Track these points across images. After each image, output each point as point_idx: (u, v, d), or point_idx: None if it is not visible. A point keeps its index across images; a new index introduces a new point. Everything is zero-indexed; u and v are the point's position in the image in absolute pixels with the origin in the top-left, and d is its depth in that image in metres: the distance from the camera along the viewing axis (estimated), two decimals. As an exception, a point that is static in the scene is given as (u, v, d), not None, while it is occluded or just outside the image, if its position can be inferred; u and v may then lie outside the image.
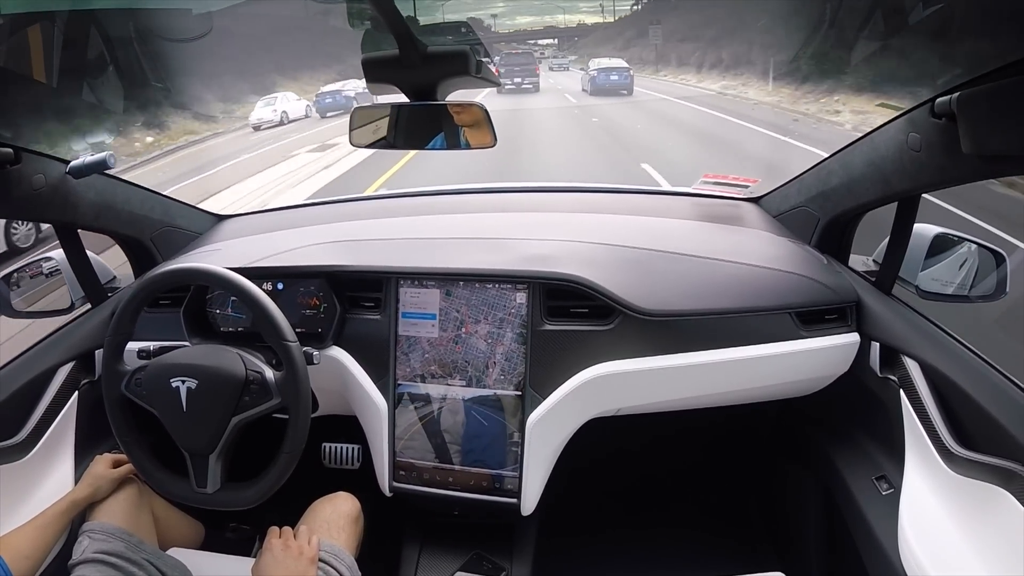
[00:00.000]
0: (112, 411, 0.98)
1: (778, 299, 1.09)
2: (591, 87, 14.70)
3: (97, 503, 1.03)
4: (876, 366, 1.07)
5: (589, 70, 15.52)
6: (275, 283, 1.18)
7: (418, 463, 1.14)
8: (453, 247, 1.22)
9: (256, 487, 0.95)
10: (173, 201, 1.42)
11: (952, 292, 1.08)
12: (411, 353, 1.14)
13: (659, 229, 1.31)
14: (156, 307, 1.21)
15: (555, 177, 6.72)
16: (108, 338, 0.98)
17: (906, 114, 0.89)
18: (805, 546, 1.28)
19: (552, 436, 1.10)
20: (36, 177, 1.01)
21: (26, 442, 1.08)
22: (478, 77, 0.83)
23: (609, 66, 15.24)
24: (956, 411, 0.92)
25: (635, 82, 14.88)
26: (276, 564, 0.91)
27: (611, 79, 14.52)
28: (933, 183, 0.91)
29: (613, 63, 15.70)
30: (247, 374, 0.94)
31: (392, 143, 0.94)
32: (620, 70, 14.87)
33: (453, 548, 1.19)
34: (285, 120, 13.74)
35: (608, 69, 14.92)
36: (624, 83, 14.51)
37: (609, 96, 14.02)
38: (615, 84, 14.47)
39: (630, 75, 14.75)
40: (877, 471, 1.05)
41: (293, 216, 1.55)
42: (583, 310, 1.10)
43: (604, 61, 16.09)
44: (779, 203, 1.37)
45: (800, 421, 1.34)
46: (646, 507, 1.61)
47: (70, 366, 1.17)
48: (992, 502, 0.81)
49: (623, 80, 14.54)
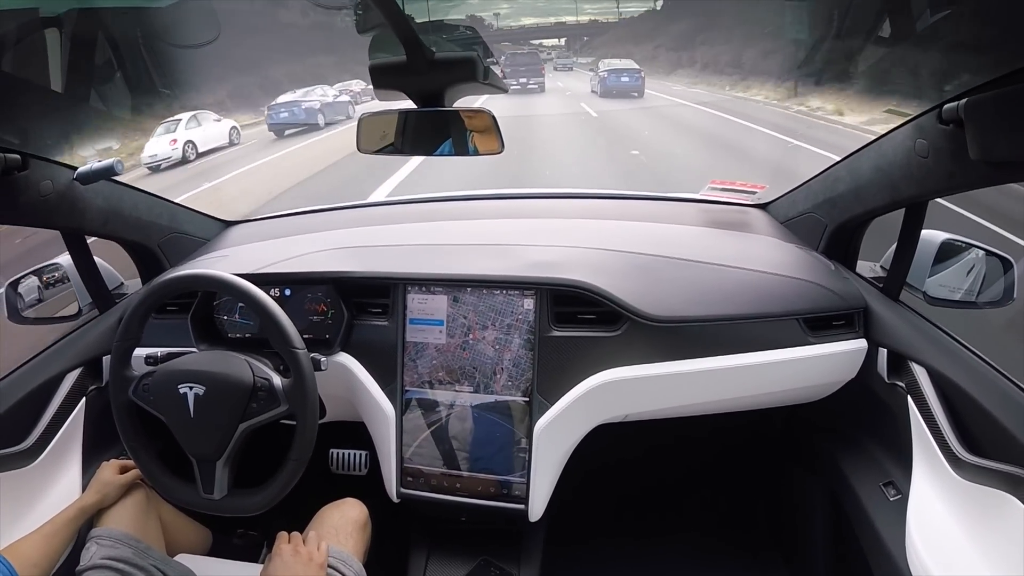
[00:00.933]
0: (119, 417, 0.98)
1: (785, 305, 1.09)
2: (601, 88, 14.38)
3: (105, 509, 1.02)
4: (884, 372, 1.07)
5: (599, 71, 15.20)
6: (283, 289, 1.18)
7: (426, 469, 1.14)
8: (460, 253, 1.22)
9: (263, 493, 0.95)
10: (180, 207, 1.42)
11: (960, 298, 1.08)
12: (419, 359, 1.14)
13: (667, 235, 1.31)
14: (164, 313, 1.21)
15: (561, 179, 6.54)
16: (116, 344, 0.98)
17: (914, 120, 0.89)
18: (812, 552, 1.28)
19: (560, 442, 1.10)
20: (44, 183, 1.01)
21: (33, 448, 1.08)
22: (486, 83, 0.83)
23: (620, 67, 14.87)
24: (964, 417, 0.92)
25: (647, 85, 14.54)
26: (285, 568, 0.91)
27: (621, 80, 14.17)
28: (940, 189, 0.91)
29: (624, 64, 15.35)
30: (255, 381, 0.94)
31: (400, 149, 0.94)
32: (631, 71, 14.51)
33: (461, 554, 1.19)
34: (191, 154, 9.36)
35: (619, 71, 14.55)
36: (635, 85, 14.15)
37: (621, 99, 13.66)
38: (625, 86, 14.11)
39: (641, 77, 14.40)
40: (884, 477, 1.05)
41: (301, 222, 1.56)
42: (590, 316, 1.10)
43: (615, 62, 15.73)
44: (787, 209, 1.37)
45: (807, 427, 1.33)
46: (653, 513, 1.60)
47: (77, 372, 1.18)
48: (1000, 508, 0.81)
49: (634, 82, 14.19)
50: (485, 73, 0.82)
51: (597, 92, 14.62)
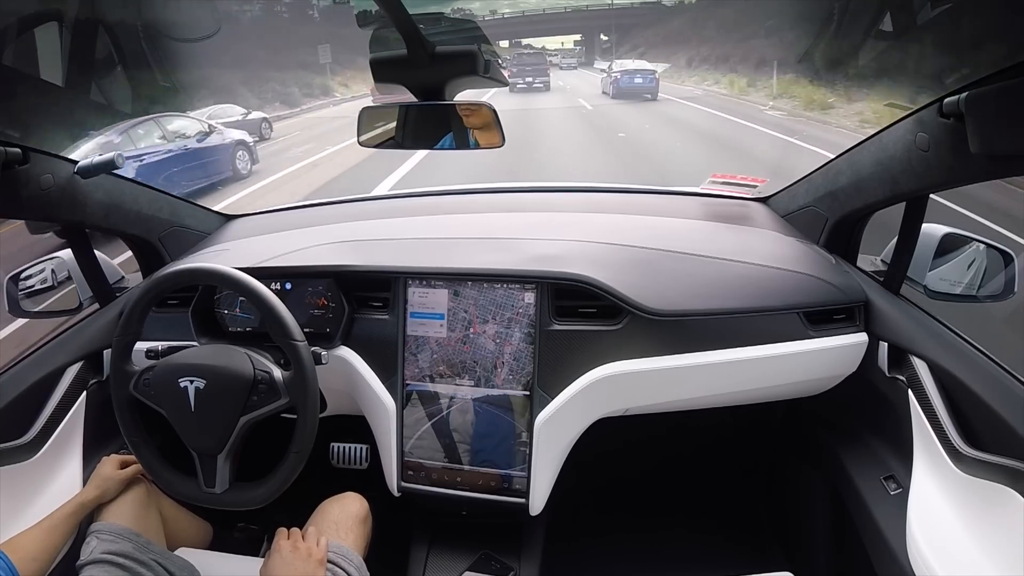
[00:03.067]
0: (120, 411, 0.98)
1: (786, 299, 1.09)
2: (613, 90, 14.01)
3: (105, 504, 1.02)
4: (884, 366, 1.07)
5: (611, 72, 14.86)
6: (283, 283, 1.18)
7: (426, 463, 1.14)
8: (461, 247, 1.22)
9: (264, 487, 0.95)
10: (181, 201, 1.42)
11: (960, 292, 1.08)
12: (419, 353, 1.14)
13: (667, 229, 1.31)
14: (164, 307, 1.21)
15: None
16: (116, 338, 0.98)
17: (914, 114, 0.89)
18: (813, 546, 1.28)
19: (560, 436, 1.10)
20: (44, 177, 1.01)
21: (34, 442, 1.08)
22: (486, 77, 0.83)
23: (633, 68, 14.55)
24: (964, 411, 0.92)
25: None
26: (285, 565, 0.90)
27: (635, 82, 13.81)
28: (941, 183, 0.91)
29: (638, 65, 15.07)
30: (255, 374, 0.94)
31: (400, 143, 0.94)
32: (644, 72, 14.13)
33: (461, 548, 1.19)
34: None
35: (632, 72, 14.19)
36: (649, 87, 13.79)
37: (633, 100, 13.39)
38: (639, 87, 13.76)
39: (655, 78, 14.00)
40: (885, 471, 1.05)
41: (301, 216, 1.55)
42: (591, 310, 1.10)
43: (628, 63, 15.45)
44: (787, 203, 1.37)
45: (808, 421, 1.33)
46: (654, 507, 1.61)
47: (78, 366, 1.18)
48: (1000, 502, 0.82)
49: (648, 84, 13.81)
50: (486, 67, 0.81)
51: (609, 94, 14.31)
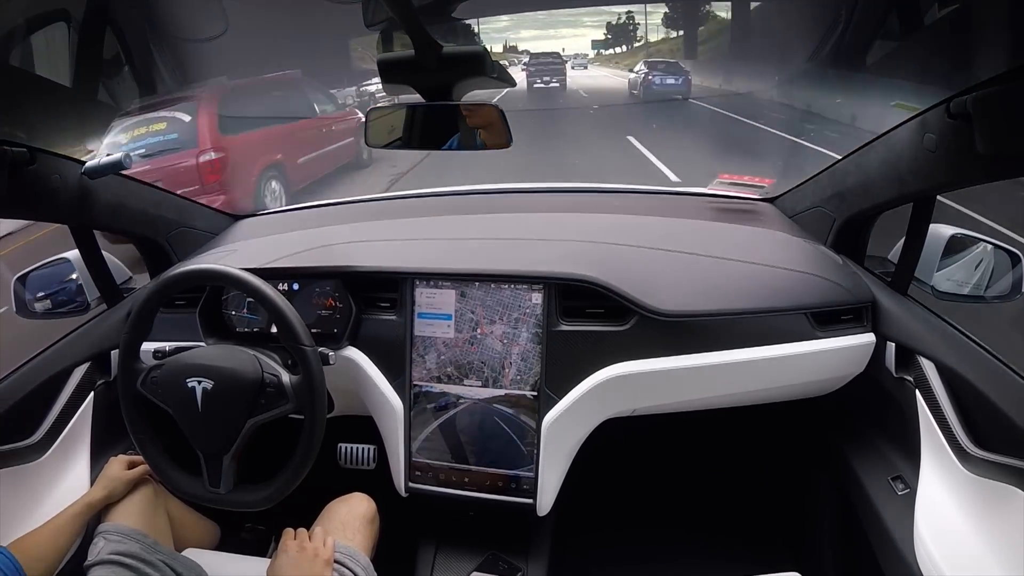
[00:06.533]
0: (127, 408, 0.98)
1: (794, 299, 1.09)
2: (644, 92, 11.83)
3: (112, 504, 1.03)
4: (892, 366, 1.07)
5: (640, 70, 12.49)
6: (291, 283, 1.18)
7: (434, 463, 1.14)
8: (468, 248, 1.22)
9: (271, 488, 0.95)
10: (189, 202, 1.42)
11: (968, 292, 1.08)
12: (427, 354, 1.14)
13: (675, 229, 1.31)
14: (172, 308, 1.21)
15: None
16: (124, 338, 0.98)
17: (922, 114, 0.89)
18: (820, 546, 1.28)
19: (568, 436, 1.10)
20: (52, 177, 1.01)
21: (42, 443, 1.08)
22: (494, 78, 0.83)
23: (666, 68, 12.11)
24: (972, 411, 0.92)
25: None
26: (292, 566, 0.90)
27: (667, 83, 11.74)
28: (948, 183, 0.91)
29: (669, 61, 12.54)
30: (263, 376, 0.94)
31: (407, 143, 0.94)
32: (677, 72, 11.97)
33: (469, 548, 1.19)
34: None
35: (664, 71, 11.92)
36: (681, 88, 11.75)
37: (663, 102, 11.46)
38: (671, 88, 11.72)
39: (688, 79, 11.96)
40: (893, 471, 1.05)
41: (309, 216, 1.55)
42: (599, 310, 1.09)
43: (658, 60, 12.82)
44: (794, 203, 1.37)
45: (815, 421, 1.33)
46: (661, 507, 1.60)
47: (86, 366, 1.18)
48: (1008, 502, 0.82)
49: (680, 85, 11.79)
50: (493, 67, 0.81)
51: (639, 95, 12.14)
